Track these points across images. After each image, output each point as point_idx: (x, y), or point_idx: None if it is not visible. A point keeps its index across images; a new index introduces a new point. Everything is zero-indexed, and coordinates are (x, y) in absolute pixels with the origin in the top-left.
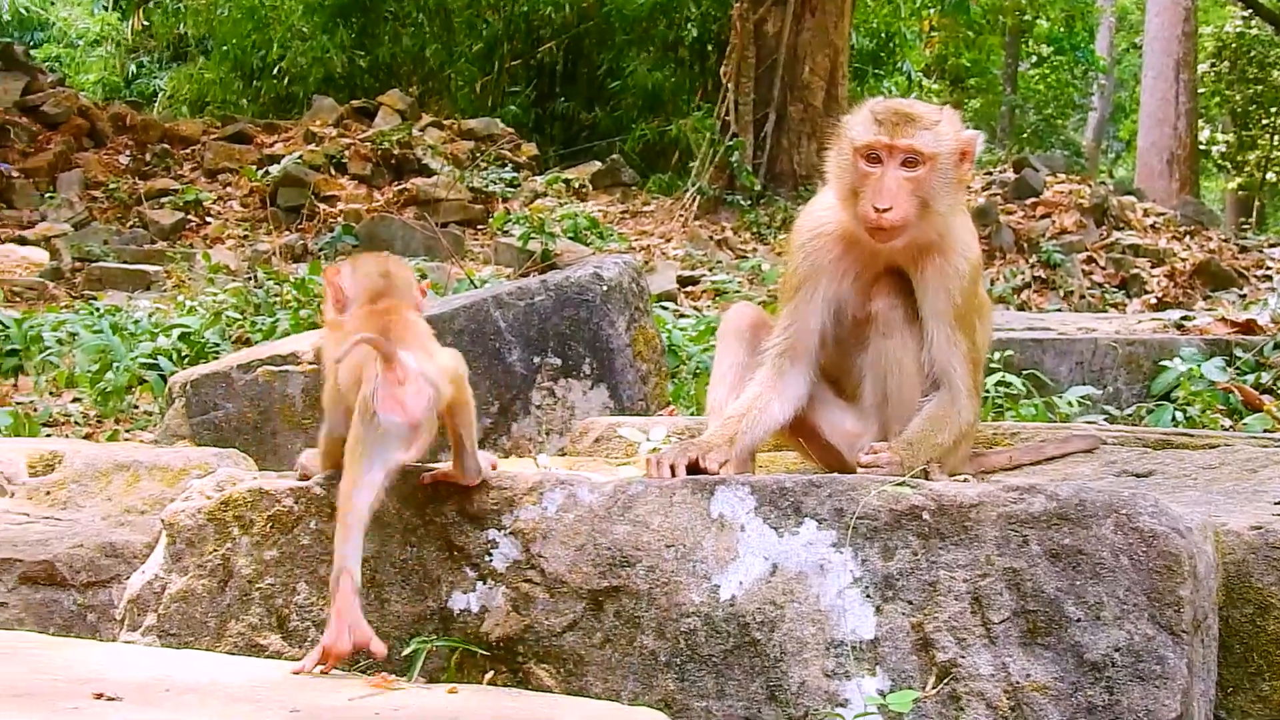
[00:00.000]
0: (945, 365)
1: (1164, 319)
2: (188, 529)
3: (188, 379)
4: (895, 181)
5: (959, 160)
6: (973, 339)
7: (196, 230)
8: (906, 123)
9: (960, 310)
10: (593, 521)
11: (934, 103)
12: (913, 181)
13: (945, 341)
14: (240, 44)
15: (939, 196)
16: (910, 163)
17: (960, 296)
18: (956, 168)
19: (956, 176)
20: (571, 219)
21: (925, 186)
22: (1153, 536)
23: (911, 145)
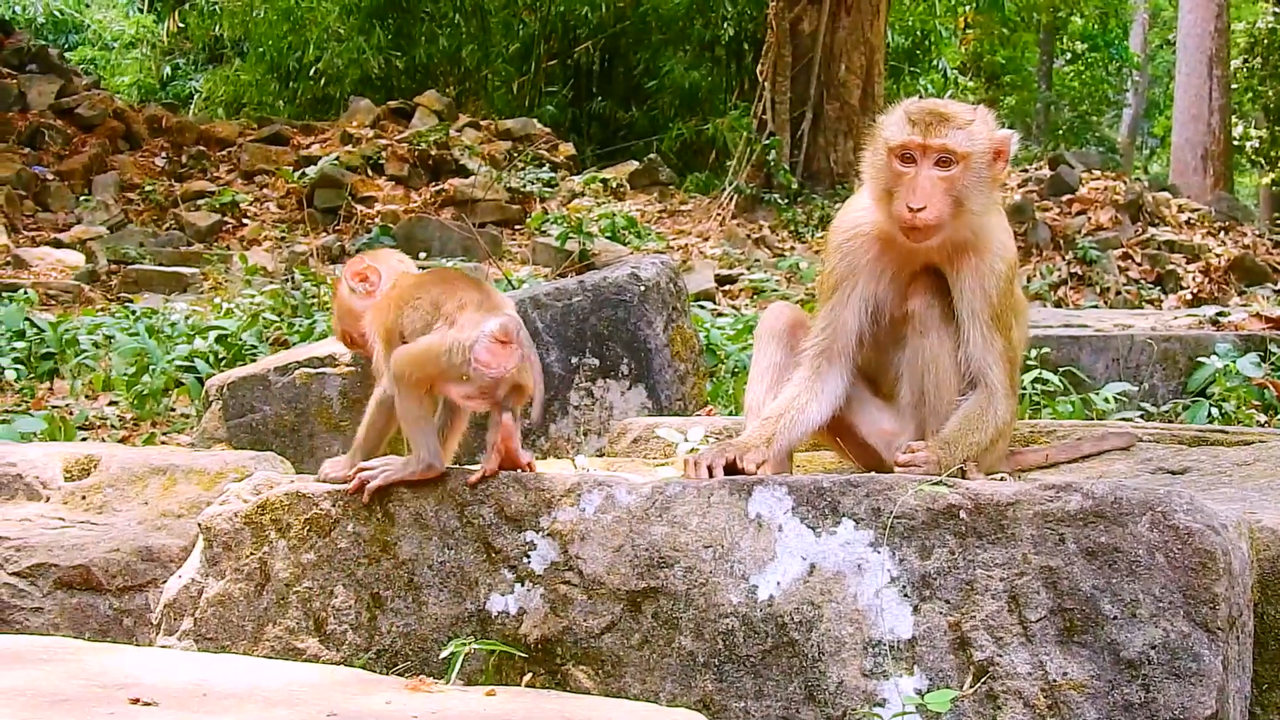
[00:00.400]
0: (981, 364)
1: (1199, 315)
2: (224, 533)
3: (224, 382)
4: (929, 181)
5: (993, 159)
6: (1009, 338)
7: (233, 232)
8: (940, 122)
9: (996, 309)
10: (630, 523)
11: (969, 100)
12: (946, 181)
13: (981, 341)
14: (276, 45)
15: (973, 195)
16: (944, 162)
17: (996, 295)
18: (990, 166)
19: (991, 175)
20: (609, 219)
21: (959, 186)
22: (1188, 534)
23: (945, 144)
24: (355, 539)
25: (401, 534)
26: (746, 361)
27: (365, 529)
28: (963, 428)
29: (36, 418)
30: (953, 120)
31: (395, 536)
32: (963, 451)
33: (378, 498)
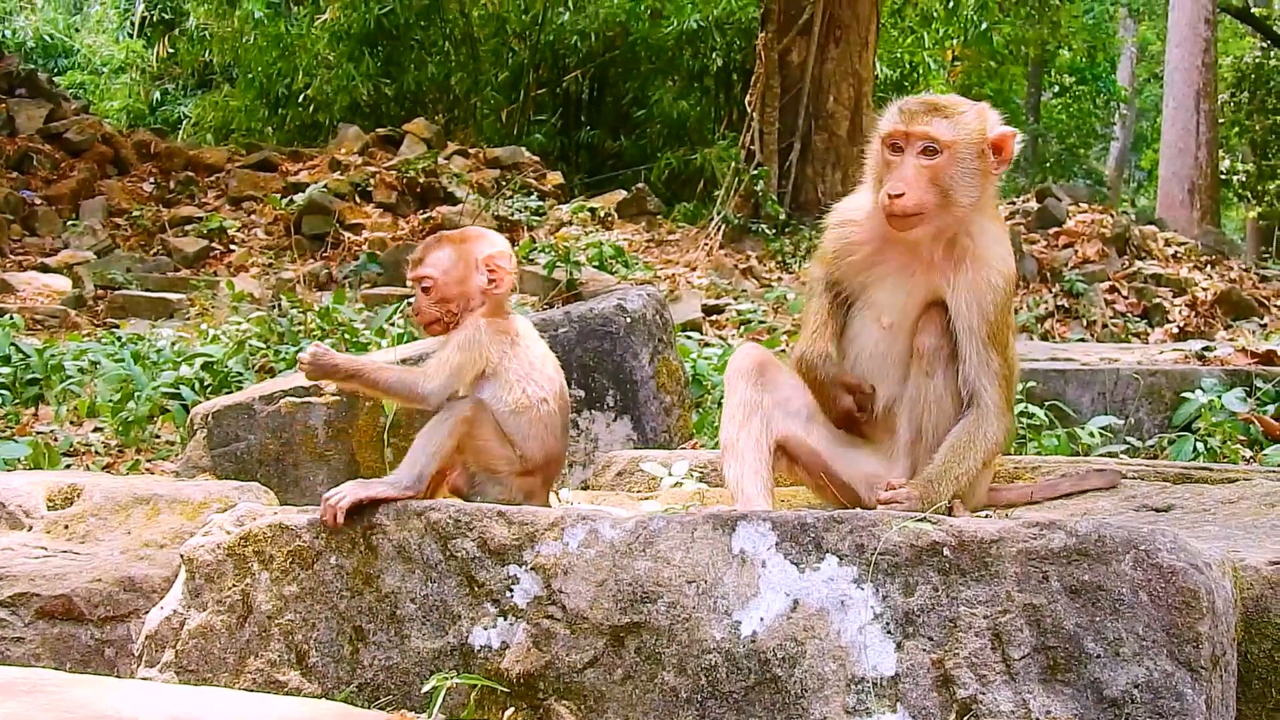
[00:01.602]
0: (976, 384)
1: (1186, 349)
2: (207, 564)
3: (210, 410)
4: (912, 168)
5: (983, 152)
6: (1005, 356)
7: (220, 258)
8: (927, 111)
9: (994, 326)
10: (614, 557)
11: None
12: (930, 169)
13: (977, 358)
14: (265, 72)
15: (959, 187)
16: (929, 151)
17: (995, 311)
18: (980, 159)
19: (981, 168)
20: (597, 248)
21: (944, 175)
22: (1171, 572)
23: (927, 132)
24: (338, 571)
25: (384, 567)
26: None
27: (348, 561)
28: (948, 461)
29: (21, 444)
30: (941, 110)
31: (378, 569)
32: (947, 487)
33: (361, 528)
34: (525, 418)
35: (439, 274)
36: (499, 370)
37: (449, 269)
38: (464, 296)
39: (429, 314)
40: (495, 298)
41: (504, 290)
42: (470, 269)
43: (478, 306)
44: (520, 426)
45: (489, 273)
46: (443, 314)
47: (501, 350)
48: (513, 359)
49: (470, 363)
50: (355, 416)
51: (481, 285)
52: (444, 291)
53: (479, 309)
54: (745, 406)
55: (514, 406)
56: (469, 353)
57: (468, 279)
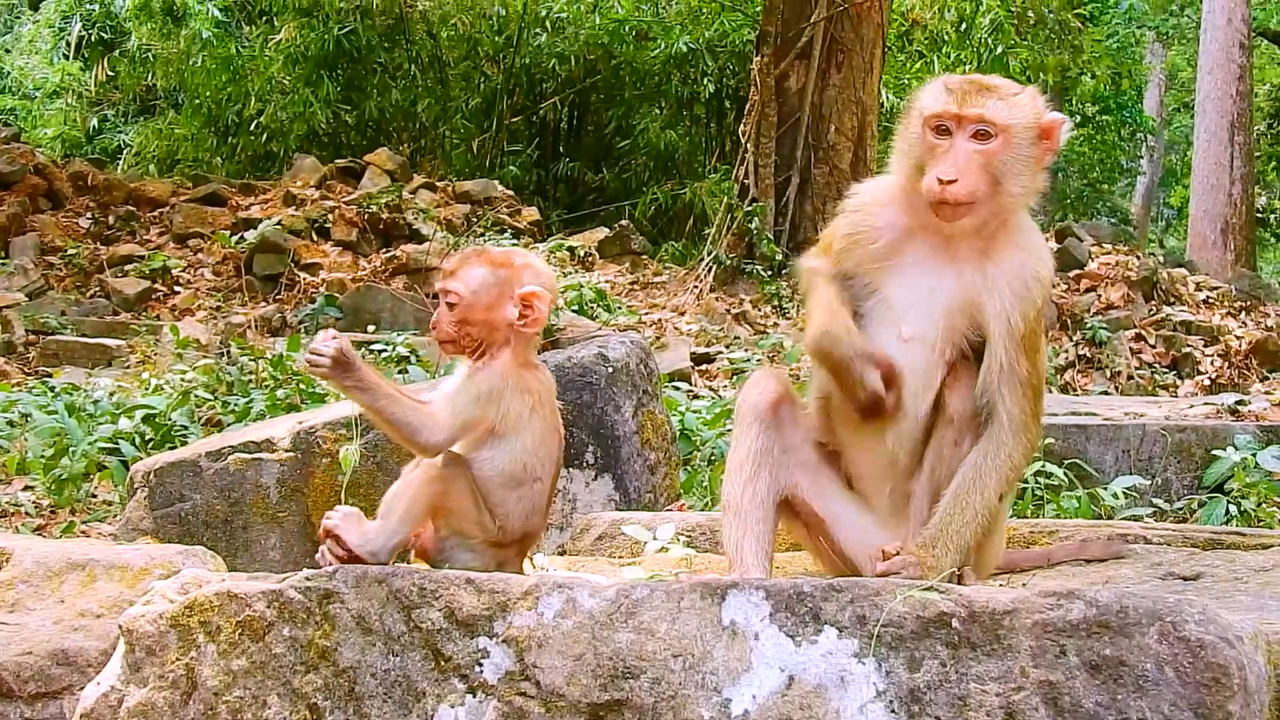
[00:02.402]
0: (995, 394)
1: (1217, 403)
2: (148, 636)
3: (151, 467)
4: (964, 153)
5: (1037, 139)
6: (1035, 362)
7: (164, 301)
8: (979, 91)
9: (1031, 326)
10: (593, 629)
11: None
12: (983, 155)
13: (1005, 360)
14: (214, 97)
15: (1012, 175)
16: (981, 135)
17: (1032, 310)
18: (1034, 145)
19: (1034, 156)
20: (576, 290)
21: (997, 161)
22: (1200, 646)
23: (982, 115)
24: (291, 644)
25: (342, 639)
26: (725, 449)
27: (302, 633)
28: (952, 514)
29: None
30: (994, 91)
31: (335, 642)
32: (952, 549)
33: (316, 596)
34: (515, 493)
35: (468, 293)
36: (508, 435)
37: (480, 291)
38: (489, 326)
39: (446, 331)
40: (523, 337)
41: (534, 331)
42: (504, 298)
43: (502, 342)
44: (507, 499)
45: (523, 309)
46: (460, 335)
47: (520, 413)
48: (528, 427)
49: (486, 419)
50: (311, 475)
51: (510, 319)
52: (468, 314)
53: (504, 346)
54: (755, 457)
55: (508, 479)
56: (488, 408)
57: (498, 308)
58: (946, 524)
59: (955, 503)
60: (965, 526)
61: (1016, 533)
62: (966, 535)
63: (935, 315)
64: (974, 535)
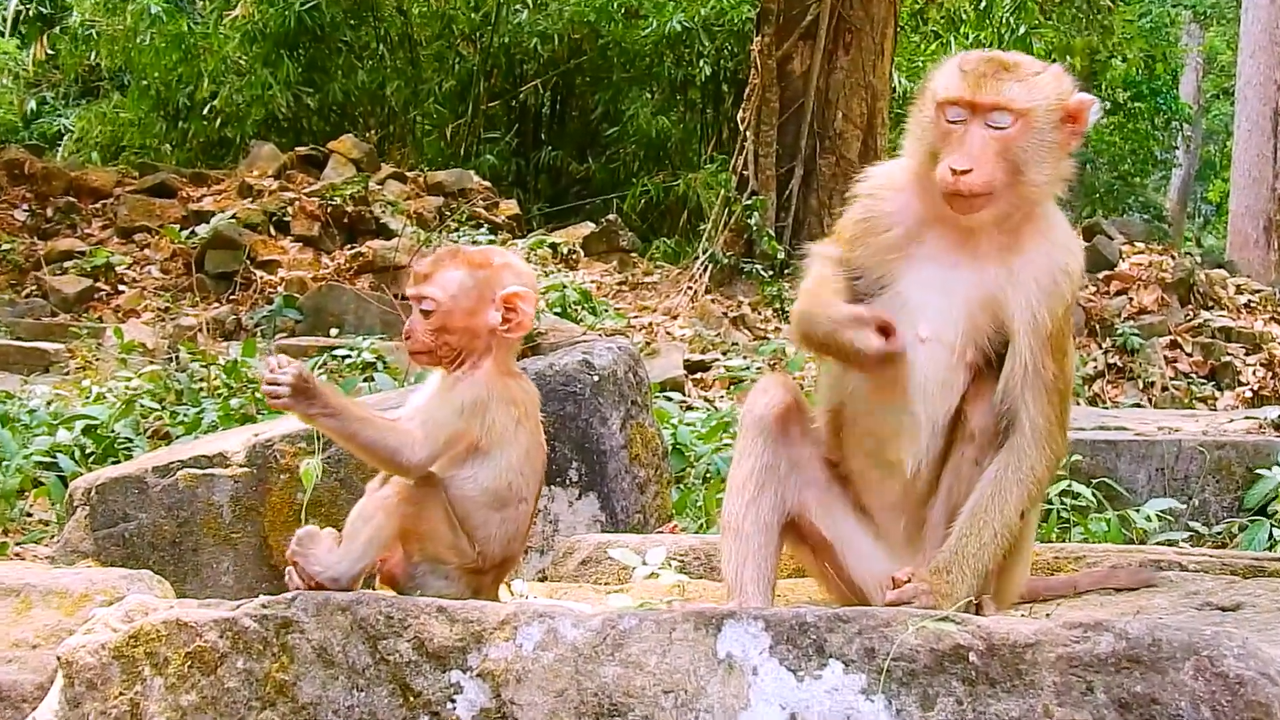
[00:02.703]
0: (1018, 399)
1: (1260, 417)
2: (89, 668)
3: (92, 483)
4: (980, 140)
5: (1061, 122)
6: (1061, 365)
7: (107, 301)
8: (997, 73)
9: (1059, 325)
10: (576, 662)
11: None
12: (1001, 141)
13: (1030, 361)
14: (163, 78)
15: (1033, 162)
16: (1000, 120)
17: (1060, 307)
18: (1058, 129)
19: (1058, 140)
20: (559, 291)
21: (1016, 148)
22: (1239, 683)
23: (998, 101)
24: (246, 678)
25: (302, 672)
26: (721, 465)
27: (258, 665)
28: (969, 534)
29: None
30: (1013, 71)
31: (294, 675)
32: (970, 574)
33: (274, 625)
34: (499, 514)
35: (445, 298)
36: (492, 450)
37: (459, 295)
38: (469, 332)
39: (421, 342)
40: (505, 344)
41: (517, 336)
42: (485, 302)
43: (482, 350)
44: (488, 520)
45: (506, 312)
46: (437, 345)
47: (506, 426)
48: (513, 441)
49: (470, 434)
50: (267, 492)
51: (493, 325)
52: (446, 320)
53: (485, 354)
54: (759, 475)
55: (491, 498)
56: (472, 421)
57: (479, 313)
58: (963, 546)
59: (972, 522)
60: (984, 548)
61: (1040, 558)
62: (985, 558)
63: (955, 312)
64: (993, 558)
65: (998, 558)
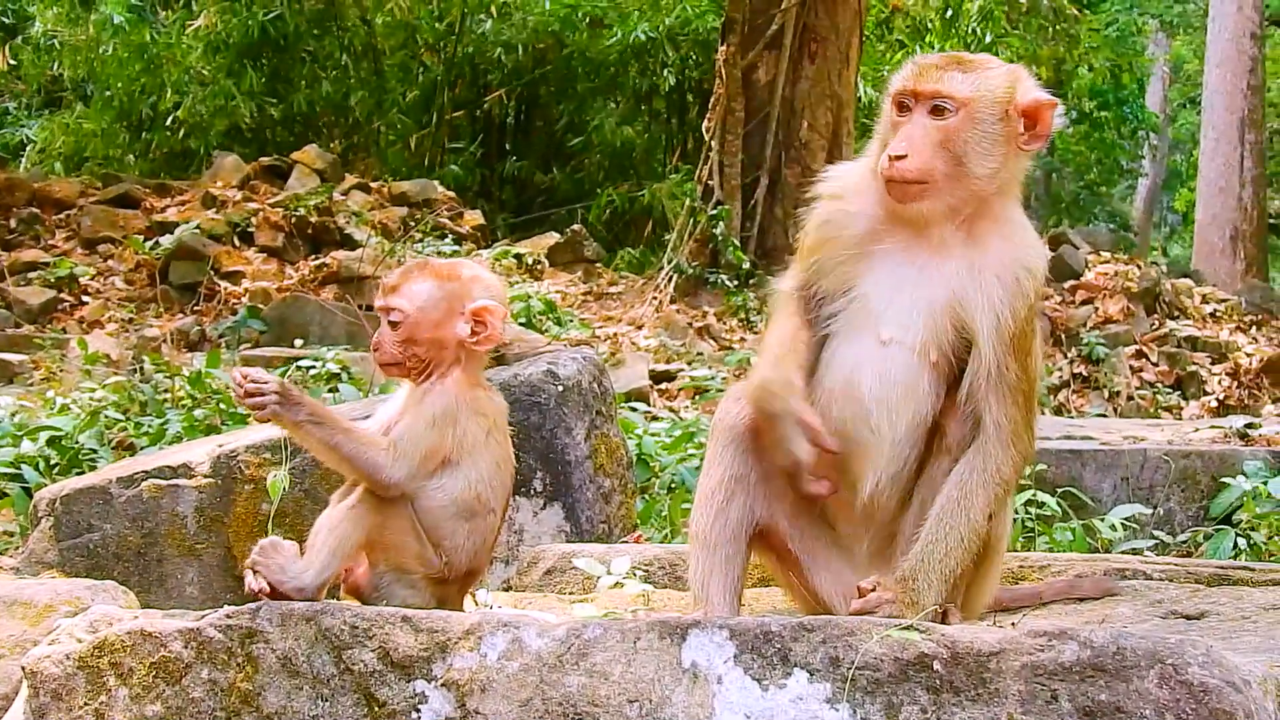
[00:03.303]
0: (982, 400)
1: (1225, 426)
2: (54, 678)
3: (57, 494)
4: (920, 128)
5: (1008, 116)
6: (1025, 366)
7: (71, 312)
8: (943, 65)
9: (1020, 326)
10: (541, 672)
11: None
12: (942, 130)
13: (994, 362)
14: (127, 89)
15: (975, 155)
16: (939, 110)
17: (1023, 307)
18: (1005, 123)
19: (1005, 134)
20: (524, 301)
21: (957, 138)
22: (1203, 691)
23: (939, 89)
24: (211, 688)
25: (266, 682)
26: (685, 475)
27: (223, 675)
28: (935, 539)
29: None
30: (963, 65)
31: (259, 685)
32: (937, 581)
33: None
34: (467, 525)
35: (413, 310)
36: (463, 461)
37: (427, 307)
38: (436, 344)
39: (389, 354)
40: (474, 357)
41: (486, 348)
42: (453, 314)
43: (450, 361)
44: (456, 531)
45: (475, 324)
46: (405, 357)
47: (476, 437)
48: (483, 453)
49: (444, 445)
50: (232, 503)
51: (461, 337)
52: (414, 332)
53: (453, 365)
54: (728, 485)
55: (459, 509)
56: (445, 432)
57: (446, 325)
58: (928, 552)
59: (938, 527)
60: (950, 554)
61: (1005, 567)
62: (952, 564)
63: (916, 313)
64: (961, 563)
65: (966, 563)
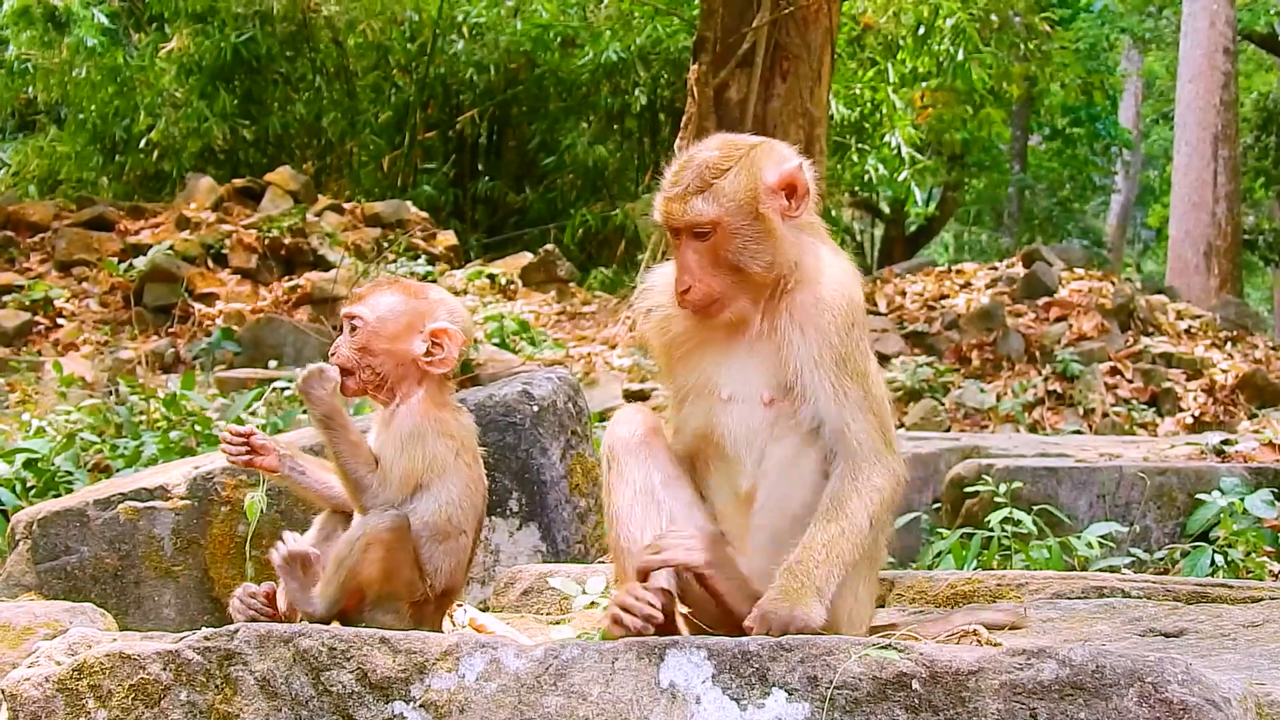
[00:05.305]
0: (837, 424)
1: (1201, 443)
2: (33, 701)
3: (34, 517)
4: (690, 256)
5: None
6: (865, 385)
7: (46, 334)
8: (684, 194)
9: (842, 351)
10: (519, 692)
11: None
12: (709, 251)
13: (831, 389)
14: (100, 111)
15: (747, 258)
16: (700, 234)
17: (838, 335)
18: (759, 220)
19: (764, 229)
20: (497, 321)
21: (724, 254)
22: (1183, 709)
23: (686, 220)
24: (190, 710)
25: (245, 704)
26: None
27: (202, 698)
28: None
29: None
30: (696, 183)
31: (237, 707)
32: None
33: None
34: (442, 547)
35: (373, 319)
36: (432, 484)
37: (386, 318)
38: (391, 357)
39: (345, 359)
40: (436, 379)
41: (439, 371)
42: (412, 331)
43: (411, 380)
44: (434, 554)
45: (432, 345)
46: (359, 367)
47: (445, 459)
48: (453, 474)
49: (415, 469)
50: (209, 525)
51: (415, 354)
52: (369, 341)
53: (414, 385)
54: (645, 496)
55: (434, 531)
56: (414, 453)
57: (403, 340)
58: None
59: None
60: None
61: (983, 585)
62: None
63: (748, 374)
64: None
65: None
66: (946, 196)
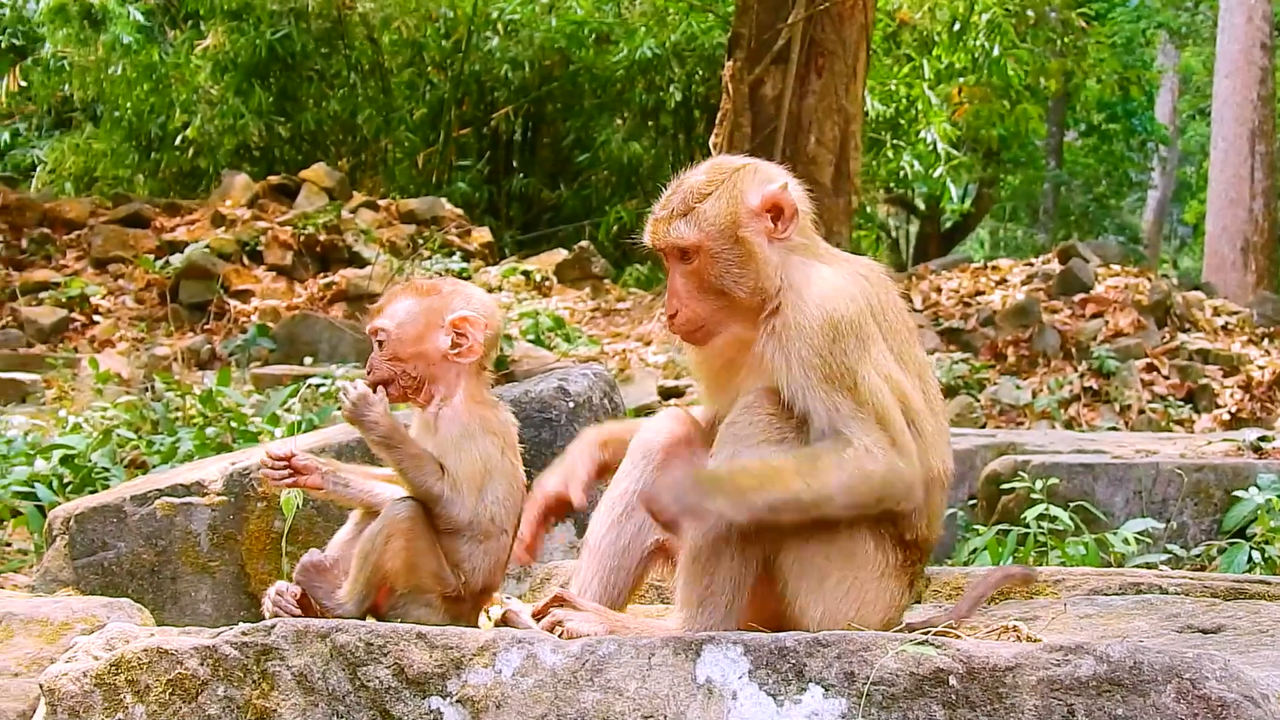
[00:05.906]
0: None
1: (1238, 439)
2: (71, 695)
3: (71, 513)
4: (678, 282)
5: (738, 239)
6: (856, 395)
7: (82, 331)
8: (669, 217)
9: (831, 366)
10: (556, 688)
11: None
12: (694, 275)
13: (824, 411)
14: (136, 109)
15: (731, 281)
16: (685, 257)
17: (819, 353)
18: (740, 245)
19: (746, 252)
20: (532, 318)
21: (709, 278)
22: (1221, 706)
23: (670, 244)
24: (227, 705)
25: (282, 699)
26: None
27: (239, 692)
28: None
29: None
30: (680, 206)
31: (275, 702)
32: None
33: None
34: (483, 546)
35: (393, 327)
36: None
37: (406, 323)
38: (421, 359)
39: (381, 372)
40: (472, 372)
41: (469, 360)
42: (432, 328)
43: (447, 376)
44: (473, 553)
45: (456, 336)
46: (397, 374)
47: (492, 456)
48: (499, 474)
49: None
50: (245, 521)
51: (443, 349)
52: (397, 349)
53: (454, 384)
54: (627, 498)
55: (477, 531)
56: (471, 454)
57: (427, 339)
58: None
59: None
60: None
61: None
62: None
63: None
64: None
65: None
66: (982, 193)
